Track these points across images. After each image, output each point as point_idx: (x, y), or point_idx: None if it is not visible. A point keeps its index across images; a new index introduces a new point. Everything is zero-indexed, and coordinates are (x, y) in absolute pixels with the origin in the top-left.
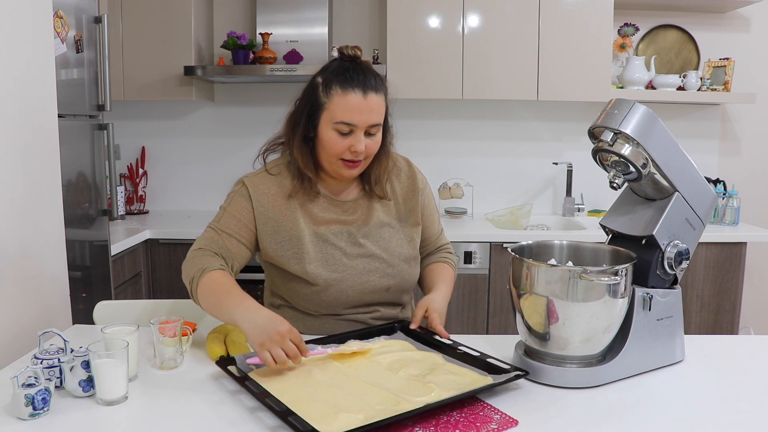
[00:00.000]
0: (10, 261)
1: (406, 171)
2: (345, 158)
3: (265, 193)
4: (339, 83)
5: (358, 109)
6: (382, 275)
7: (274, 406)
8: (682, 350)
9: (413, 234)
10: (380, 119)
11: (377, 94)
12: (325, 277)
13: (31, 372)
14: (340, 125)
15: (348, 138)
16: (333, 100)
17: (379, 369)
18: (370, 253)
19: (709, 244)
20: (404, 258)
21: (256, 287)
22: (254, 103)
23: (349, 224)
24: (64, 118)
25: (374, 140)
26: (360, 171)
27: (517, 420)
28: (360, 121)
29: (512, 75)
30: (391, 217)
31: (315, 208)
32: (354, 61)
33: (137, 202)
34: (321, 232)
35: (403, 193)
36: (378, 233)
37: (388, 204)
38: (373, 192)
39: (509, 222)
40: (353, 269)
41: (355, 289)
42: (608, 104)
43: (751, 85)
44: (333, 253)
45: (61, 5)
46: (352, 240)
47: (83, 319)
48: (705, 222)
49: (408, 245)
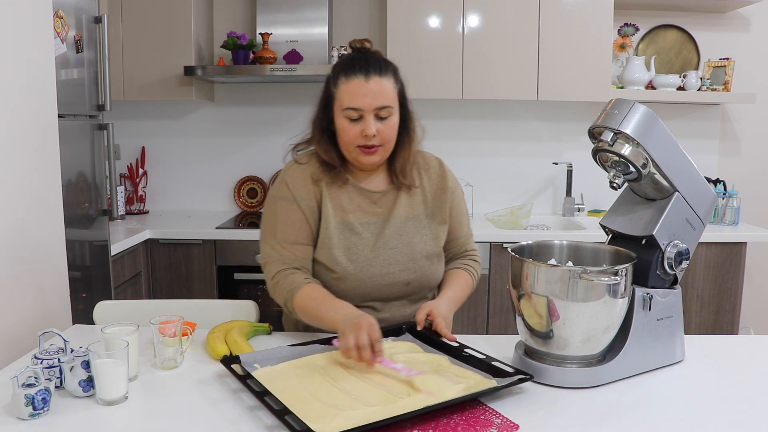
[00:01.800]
0: (10, 261)
1: (437, 169)
2: (360, 144)
3: (302, 185)
4: (344, 72)
5: (361, 93)
6: (402, 269)
7: (272, 404)
8: (682, 350)
9: (439, 231)
10: (387, 101)
11: (381, 76)
12: (345, 265)
13: (31, 372)
14: (349, 111)
15: (359, 124)
16: (339, 89)
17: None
18: (393, 247)
19: (709, 244)
20: (426, 254)
21: (256, 287)
22: (254, 103)
23: (376, 215)
24: (64, 118)
25: (387, 125)
26: (381, 158)
27: (518, 424)
28: (365, 104)
29: (512, 75)
30: (418, 212)
31: (342, 195)
32: (361, 51)
33: (137, 202)
34: (348, 220)
35: (432, 190)
36: (402, 227)
37: (415, 198)
38: (401, 182)
39: (509, 222)
40: (374, 261)
41: (374, 281)
42: (608, 104)
43: (751, 85)
44: (356, 243)
45: (61, 5)
46: (376, 231)
47: (83, 319)
48: (705, 222)
49: (432, 242)
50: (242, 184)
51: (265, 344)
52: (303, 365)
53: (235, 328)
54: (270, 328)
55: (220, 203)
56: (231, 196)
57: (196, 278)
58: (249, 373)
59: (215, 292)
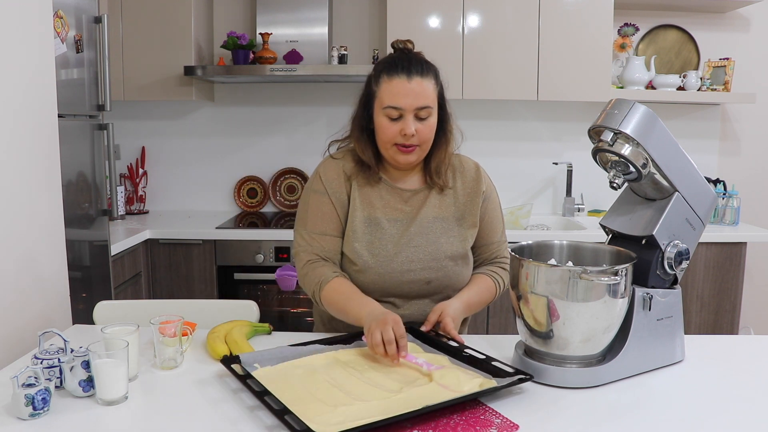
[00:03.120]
0: (10, 261)
1: (473, 174)
2: (398, 143)
3: (334, 178)
4: (386, 71)
5: (403, 93)
6: (423, 268)
7: (272, 404)
8: (682, 350)
9: (467, 234)
10: (428, 102)
11: (423, 77)
12: (366, 259)
13: (31, 372)
14: (389, 110)
15: (398, 123)
16: (381, 88)
17: (383, 370)
18: (417, 245)
19: (709, 244)
20: (450, 255)
21: (256, 287)
22: (254, 103)
23: (404, 213)
24: (64, 118)
25: (426, 125)
26: (417, 158)
27: (518, 424)
28: (406, 104)
29: (512, 75)
30: (447, 213)
31: (373, 193)
32: (404, 51)
33: (137, 202)
34: (376, 216)
35: (465, 193)
36: (430, 226)
37: (446, 199)
38: (434, 182)
39: (509, 222)
40: (396, 257)
41: (393, 276)
42: (608, 104)
43: (751, 85)
44: (381, 238)
45: (61, 5)
46: (403, 229)
47: (83, 319)
48: (705, 222)
49: (459, 244)
50: (242, 184)
51: (265, 344)
52: (303, 365)
53: (235, 328)
54: (270, 328)
55: (220, 203)
56: (231, 196)
57: (196, 278)
58: (249, 373)
59: (215, 292)
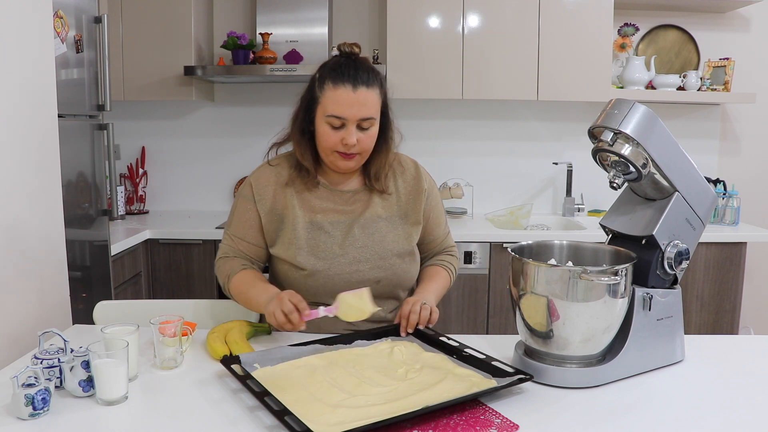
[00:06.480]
0: (11, 261)
1: (412, 172)
2: (339, 150)
3: (265, 186)
4: (331, 78)
5: (347, 103)
6: (372, 267)
7: (272, 405)
8: (682, 350)
9: (412, 231)
10: (372, 113)
11: (369, 88)
12: (313, 263)
13: (31, 372)
14: (332, 119)
15: (340, 131)
16: (325, 95)
17: (383, 370)
18: (363, 245)
19: (709, 244)
20: (397, 253)
21: None
22: (254, 103)
23: (346, 214)
24: (64, 118)
25: (368, 134)
26: (357, 164)
27: (518, 424)
28: (350, 115)
29: (512, 75)
30: (391, 213)
31: (312, 197)
32: (350, 57)
33: (137, 202)
34: (317, 220)
35: (406, 192)
36: (374, 226)
37: (388, 199)
38: (374, 187)
39: (509, 222)
40: (342, 258)
41: (342, 278)
42: (608, 104)
43: (751, 85)
44: (325, 241)
45: (61, 5)
46: (347, 230)
47: (83, 319)
48: (705, 222)
49: (405, 241)
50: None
51: (265, 344)
52: (303, 365)
53: (235, 328)
54: (270, 328)
55: (220, 203)
56: (231, 196)
57: (196, 278)
58: (249, 373)
59: (215, 292)
